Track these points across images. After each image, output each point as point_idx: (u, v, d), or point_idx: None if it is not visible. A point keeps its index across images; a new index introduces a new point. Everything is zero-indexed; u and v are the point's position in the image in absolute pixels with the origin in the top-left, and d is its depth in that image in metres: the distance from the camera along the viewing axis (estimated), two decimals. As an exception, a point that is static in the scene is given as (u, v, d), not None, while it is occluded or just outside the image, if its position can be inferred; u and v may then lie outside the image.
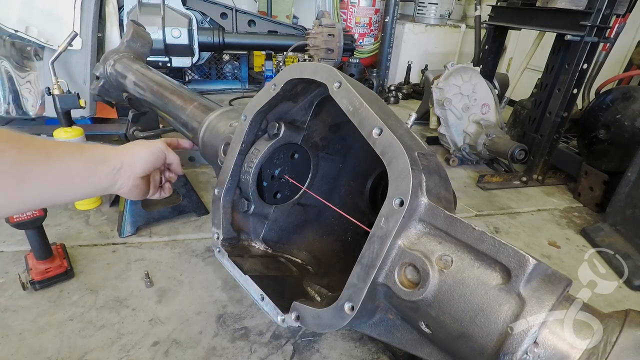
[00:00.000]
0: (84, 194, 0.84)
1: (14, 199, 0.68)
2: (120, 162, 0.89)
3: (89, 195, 0.85)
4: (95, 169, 0.83)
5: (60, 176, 0.75)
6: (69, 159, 0.76)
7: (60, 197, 0.79)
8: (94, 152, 0.84)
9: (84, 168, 0.80)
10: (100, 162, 0.84)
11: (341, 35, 3.30)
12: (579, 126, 2.76)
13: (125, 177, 0.91)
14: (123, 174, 0.90)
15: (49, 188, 0.73)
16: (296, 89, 1.04)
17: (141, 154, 0.96)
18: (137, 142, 1.00)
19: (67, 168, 0.76)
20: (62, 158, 0.75)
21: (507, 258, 0.63)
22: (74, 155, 0.78)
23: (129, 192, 0.94)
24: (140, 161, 0.95)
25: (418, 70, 5.31)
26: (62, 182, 0.76)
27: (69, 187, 0.78)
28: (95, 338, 1.34)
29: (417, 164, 0.72)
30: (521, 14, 2.82)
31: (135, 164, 0.94)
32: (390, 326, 0.84)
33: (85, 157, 0.81)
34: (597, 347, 0.58)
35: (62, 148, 0.76)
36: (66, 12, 2.34)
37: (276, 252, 1.27)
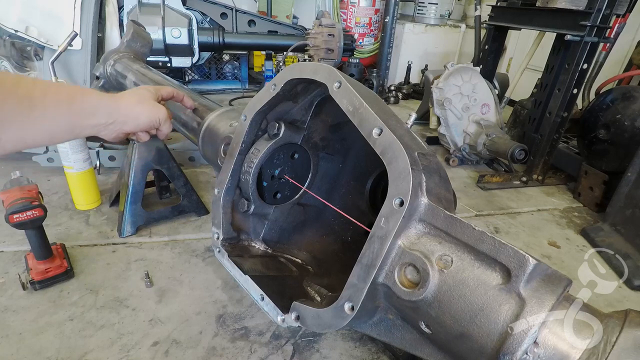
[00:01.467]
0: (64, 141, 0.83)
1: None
2: (112, 118, 0.87)
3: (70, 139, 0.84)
4: (81, 124, 0.80)
5: (41, 128, 0.74)
6: (53, 112, 0.74)
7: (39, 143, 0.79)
8: (83, 104, 0.81)
9: (69, 122, 0.78)
10: (88, 116, 0.82)
11: (341, 35, 3.30)
12: (579, 126, 2.76)
13: (111, 131, 0.89)
14: (111, 128, 0.88)
15: (28, 135, 0.72)
16: (296, 89, 1.04)
17: (139, 117, 0.93)
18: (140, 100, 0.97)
19: (50, 122, 0.74)
20: (45, 111, 0.73)
21: (507, 258, 0.64)
22: (59, 109, 0.75)
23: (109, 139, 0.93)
24: (134, 124, 0.93)
25: (418, 70, 5.31)
26: (43, 132, 0.75)
27: (49, 136, 0.77)
28: (95, 338, 1.34)
29: (417, 164, 0.72)
30: (521, 14, 2.82)
31: (127, 123, 0.91)
32: (390, 326, 0.84)
33: (73, 110, 0.78)
34: (597, 347, 0.58)
35: (48, 98, 0.73)
36: (66, 12, 2.34)
37: (276, 252, 1.27)
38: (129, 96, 0.96)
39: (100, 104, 0.85)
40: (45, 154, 2.36)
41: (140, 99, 0.97)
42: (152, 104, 0.99)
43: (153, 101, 1.01)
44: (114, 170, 2.46)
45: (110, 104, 0.88)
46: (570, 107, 2.58)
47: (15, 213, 1.37)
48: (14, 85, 0.69)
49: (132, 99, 0.95)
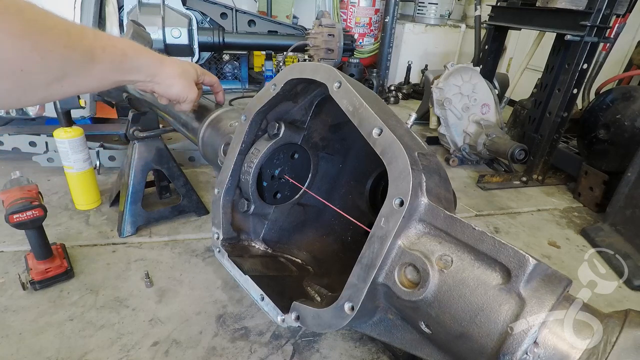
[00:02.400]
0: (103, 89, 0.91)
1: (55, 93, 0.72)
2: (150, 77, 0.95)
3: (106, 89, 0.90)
4: (124, 78, 0.88)
5: (94, 79, 0.79)
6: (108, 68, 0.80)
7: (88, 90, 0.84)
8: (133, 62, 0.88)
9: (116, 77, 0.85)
10: (133, 73, 0.90)
11: (341, 35, 3.30)
12: (579, 126, 2.76)
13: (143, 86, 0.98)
14: (144, 84, 0.97)
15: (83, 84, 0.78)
16: (296, 89, 1.04)
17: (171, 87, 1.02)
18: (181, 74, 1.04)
19: (102, 75, 0.80)
20: (102, 65, 0.78)
21: (507, 258, 0.64)
22: (113, 65, 0.82)
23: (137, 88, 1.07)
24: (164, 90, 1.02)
25: (418, 70, 5.31)
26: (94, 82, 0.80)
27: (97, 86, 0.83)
28: (95, 338, 1.34)
29: (417, 164, 0.72)
30: (521, 14, 2.82)
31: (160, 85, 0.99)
32: (390, 326, 0.84)
33: (123, 67, 0.85)
34: (597, 347, 0.58)
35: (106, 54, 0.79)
36: (66, 12, 2.34)
37: (276, 252, 1.27)
38: (175, 66, 1.03)
39: (146, 63, 0.93)
40: (45, 154, 2.36)
41: (182, 73, 1.05)
42: (190, 82, 1.08)
43: (191, 80, 1.09)
44: (114, 170, 2.46)
45: (155, 65, 0.96)
46: (570, 107, 2.58)
47: (15, 213, 1.37)
48: (79, 36, 0.72)
49: (176, 69, 1.03)
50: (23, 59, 0.62)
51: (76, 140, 1.88)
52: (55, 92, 0.72)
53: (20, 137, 2.37)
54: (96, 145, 2.41)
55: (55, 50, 0.66)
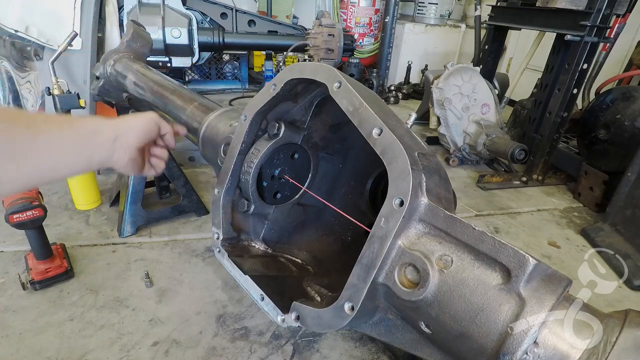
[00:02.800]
0: (80, 168, 0.82)
1: (13, 175, 0.67)
2: (114, 133, 0.87)
3: (86, 168, 0.83)
4: (86, 143, 0.81)
5: (51, 151, 0.73)
6: (57, 134, 0.74)
7: (57, 172, 0.77)
8: (85, 125, 0.82)
9: (74, 142, 0.78)
10: (92, 134, 0.82)
11: (341, 35, 3.30)
12: (579, 126, 2.76)
13: (121, 150, 0.88)
14: (118, 145, 0.88)
15: (43, 163, 0.72)
16: (296, 89, 1.04)
17: (135, 123, 0.94)
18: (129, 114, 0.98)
19: (57, 143, 0.74)
20: (50, 132, 0.73)
21: (507, 258, 0.64)
22: (62, 131, 0.76)
23: (126, 165, 0.92)
24: (135, 131, 0.93)
25: (418, 70, 5.31)
26: (54, 156, 0.74)
27: (62, 161, 0.76)
28: (95, 338, 1.34)
29: (417, 164, 0.72)
30: (521, 14, 2.82)
31: (129, 134, 0.91)
32: (390, 326, 0.84)
33: (75, 130, 0.79)
34: (597, 347, 0.58)
35: (50, 122, 0.74)
36: (66, 12, 2.34)
37: (276, 252, 1.27)
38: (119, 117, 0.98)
39: (98, 122, 0.86)
40: (45, 154, 2.36)
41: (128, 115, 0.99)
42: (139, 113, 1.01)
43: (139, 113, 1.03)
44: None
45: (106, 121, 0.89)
46: (570, 107, 2.58)
47: (15, 213, 1.37)
48: (16, 115, 0.69)
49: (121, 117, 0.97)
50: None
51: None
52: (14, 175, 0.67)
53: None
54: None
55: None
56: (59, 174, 0.78)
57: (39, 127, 0.71)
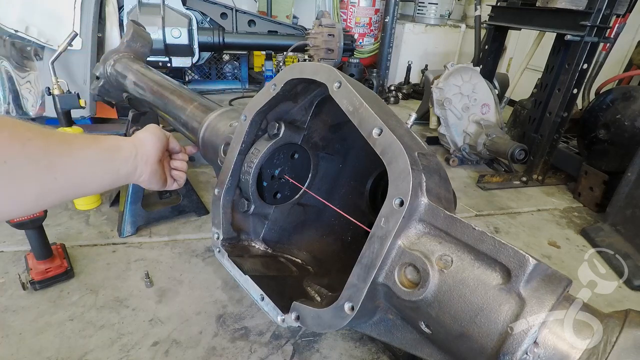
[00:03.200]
0: (108, 183, 0.84)
1: (51, 188, 0.69)
2: (134, 148, 0.90)
3: (113, 183, 0.86)
4: (112, 158, 0.84)
5: (84, 165, 0.76)
6: (87, 149, 0.77)
7: (88, 186, 0.80)
8: (107, 141, 0.85)
9: (103, 157, 0.82)
10: (116, 150, 0.86)
11: (341, 35, 3.30)
12: (579, 126, 2.76)
13: (142, 164, 0.92)
14: (140, 160, 0.91)
15: (76, 177, 0.74)
16: (296, 89, 1.04)
17: (147, 137, 0.97)
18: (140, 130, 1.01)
19: (88, 158, 0.77)
20: (82, 148, 0.76)
21: (507, 258, 0.63)
22: (90, 146, 0.79)
23: (149, 179, 0.96)
24: (151, 143, 0.96)
25: (418, 70, 5.31)
26: (86, 170, 0.77)
27: (93, 175, 0.79)
28: (95, 338, 1.34)
29: (417, 164, 0.72)
30: (521, 14, 2.82)
31: (146, 146, 0.94)
32: (390, 326, 0.84)
33: (101, 146, 0.82)
34: (597, 347, 0.58)
35: (80, 139, 0.77)
36: (66, 12, 2.34)
37: (276, 252, 1.27)
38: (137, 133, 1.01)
39: (117, 139, 0.89)
40: (45, 154, 2.36)
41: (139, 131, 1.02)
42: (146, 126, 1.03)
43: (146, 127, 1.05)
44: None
45: (124, 138, 0.92)
46: (570, 107, 2.58)
47: (15, 213, 1.37)
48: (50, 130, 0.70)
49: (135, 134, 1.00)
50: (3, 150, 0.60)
51: (76, 140, 1.88)
52: (49, 186, 0.68)
53: (20, 137, 2.37)
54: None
55: (33, 139, 0.65)
56: (89, 188, 0.81)
57: (72, 141, 0.73)
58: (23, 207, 0.67)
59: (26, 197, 0.66)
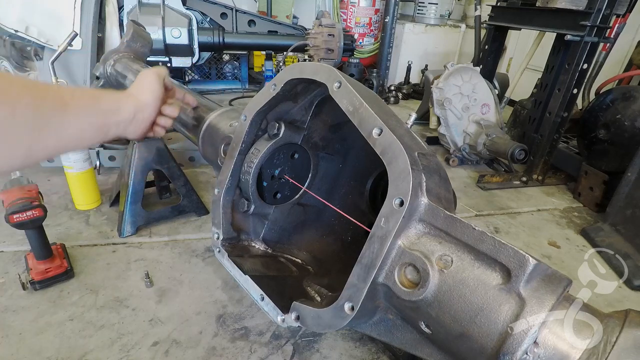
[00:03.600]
0: (96, 142, 0.86)
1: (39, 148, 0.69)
2: (133, 113, 0.92)
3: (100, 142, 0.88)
4: (107, 121, 0.85)
5: (75, 129, 0.76)
6: (83, 111, 0.78)
7: (76, 145, 0.81)
8: (108, 102, 0.86)
9: (97, 120, 0.82)
10: (113, 113, 0.87)
11: (341, 35, 3.30)
12: (579, 126, 2.76)
13: (137, 124, 0.95)
14: (134, 123, 0.94)
15: (67, 137, 0.75)
16: (296, 89, 1.04)
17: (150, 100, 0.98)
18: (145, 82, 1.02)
19: (81, 121, 0.78)
20: (77, 111, 0.76)
21: (507, 258, 0.64)
22: (87, 108, 0.79)
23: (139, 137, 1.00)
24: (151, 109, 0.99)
25: (418, 70, 5.31)
26: (78, 131, 0.77)
27: (82, 137, 0.80)
28: (95, 338, 1.34)
29: (417, 164, 0.72)
30: (521, 14, 2.82)
31: (145, 113, 0.97)
32: (390, 326, 0.84)
33: (99, 108, 0.82)
34: (597, 347, 0.58)
35: (77, 97, 0.77)
36: (66, 12, 2.34)
37: (276, 252, 1.27)
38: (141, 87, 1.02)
39: (119, 99, 0.91)
40: (45, 154, 2.36)
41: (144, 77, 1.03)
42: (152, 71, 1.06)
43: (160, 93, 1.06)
44: (114, 170, 2.46)
45: (126, 98, 0.94)
46: (570, 107, 2.58)
47: (15, 213, 1.37)
48: (45, 87, 0.71)
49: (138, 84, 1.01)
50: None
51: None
52: (37, 147, 0.69)
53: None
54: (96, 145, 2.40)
55: (23, 101, 0.64)
56: (76, 147, 0.82)
57: (68, 103, 0.73)
58: (10, 164, 0.68)
59: (15, 155, 0.66)
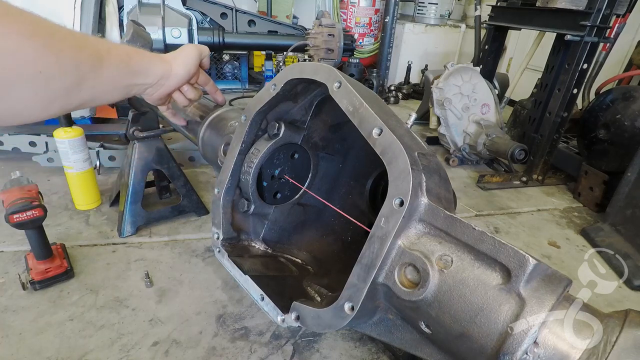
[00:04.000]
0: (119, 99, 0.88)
1: (74, 99, 0.71)
2: (159, 78, 0.95)
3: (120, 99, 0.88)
4: (135, 81, 0.87)
5: (108, 84, 0.79)
6: (116, 68, 0.79)
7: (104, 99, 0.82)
8: (139, 62, 0.88)
9: (127, 79, 0.85)
10: (142, 74, 0.89)
11: (341, 35, 3.30)
12: (579, 126, 2.76)
13: (157, 90, 0.98)
14: (157, 88, 0.97)
15: (98, 92, 0.77)
16: (296, 89, 1.04)
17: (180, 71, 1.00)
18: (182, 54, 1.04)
19: (114, 78, 0.80)
20: (110, 67, 0.77)
21: (507, 258, 0.63)
22: (120, 66, 0.81)
23: (152, 101, 1.05)
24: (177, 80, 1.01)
25: (418, 70, 5.31)
26: (108, 89, 0.80)
27: (112, 93, 0.82)
28: (95, 338, 1.34)
29: (417, 164, 0.72)
30: (521, 14, 2.82)
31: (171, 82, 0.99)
32: (390, 326, 0.84)
33: (130, 68, 0.85)
34: (597, 347, 0.58)
35: (112, 55, 0.78)
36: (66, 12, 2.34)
37: (276, 252, 1.27)
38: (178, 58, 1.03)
39: (152, 61, 0.93)
40: (45, 154, 2.36)
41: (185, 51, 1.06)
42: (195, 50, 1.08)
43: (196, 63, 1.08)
44: (114, 170, 2.46)
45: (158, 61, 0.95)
46: (570, 107, 2.58)
47: (15, 213, 1.37)
48: (84, 38, 0.72)
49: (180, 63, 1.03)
50: (39, 60, 0.61)
51: (76, 140, 1.88)
52: (74, 99, 0.71)
53: (20, 137, 2.37)
54: (96, 145, 2.41)
55: (65, 50, 0.65)
56: (103, 101, 0.84)
57: (104, 58, 0.75)
58: (47, 113, 0.70)
59: (53, 105, 0.68)
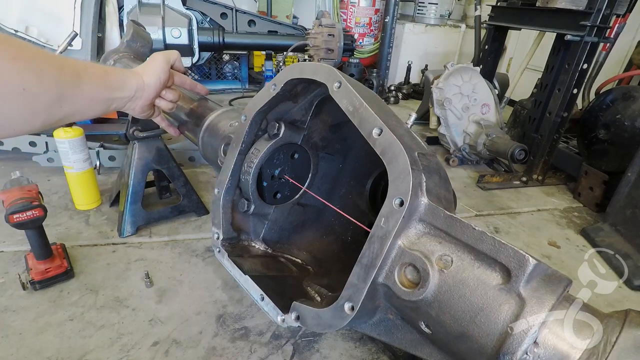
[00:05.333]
0: (100, 113, 0.92)
1: (56, 114, 0.77)
2: (134, 90, 1.00)
3: (102, 114, 0.93)
4: (113, 95, 0.93)
5: (87, 99, 0.84)
6: (95, 84, 0.85)
7: (84, 114, 0.88)
8: (115, 78, 0.94)
9: (105, 93, 0.90)
10: (119, 88, 0.95)
11: (341, 35, 3.30)
12: (579, 126, 2.76)
13: (137, 102, 1.03)
14: (135, 100, 1.02)
15: (78, 107, 0.82)
16: (296, 89, 1.04)
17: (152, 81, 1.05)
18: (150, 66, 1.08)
19: (93, 93, 0.85)
20: (90, 83, 0.83)
21: (507, 258, 0.64)
22: (98, 82, 0.87)
23: (137, 114, 1.09)
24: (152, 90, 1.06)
25: (418, 70, 5.31)
26: (88, 103, 0.85)
27: (91, 107, 0.87)
28: (95, 338, 1.34)
29: (417, 164, 0.72)
30: (521, 14, 2.82)
31: (146, 93, 1.04)
32: (390, 326, 0.84)
33: (108, 83, 0.90)
34: (597, 347, 0.58)
35: (90, 71, 0.84)
36: (66, 12, 2.35)
37: (276, 252, 1.27)
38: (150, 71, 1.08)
39: (126, 76, 0.98)
40: (45, 154, 2.36)
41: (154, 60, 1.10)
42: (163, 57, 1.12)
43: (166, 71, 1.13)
44: (114, 170, 2.46)
45: (132, 76, 1.01)
46: (570, 107, 2.58)
47: (15, 213, 1.37)
48: (63, 59, 0.77)
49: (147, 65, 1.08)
50: (21, 79, 0.67)
51: (76, 140, 1.88)
52: (56, 113, 0.76)
53: (20, 137, 2.37)
54: (96, 145, 2.40)
55: (46, 70, 0.71)
56: (82, 117, 0.89)
57: (82, 76, 0.81)
58: (32, 127, 0.75)
59: (37, 120, 0.74)
